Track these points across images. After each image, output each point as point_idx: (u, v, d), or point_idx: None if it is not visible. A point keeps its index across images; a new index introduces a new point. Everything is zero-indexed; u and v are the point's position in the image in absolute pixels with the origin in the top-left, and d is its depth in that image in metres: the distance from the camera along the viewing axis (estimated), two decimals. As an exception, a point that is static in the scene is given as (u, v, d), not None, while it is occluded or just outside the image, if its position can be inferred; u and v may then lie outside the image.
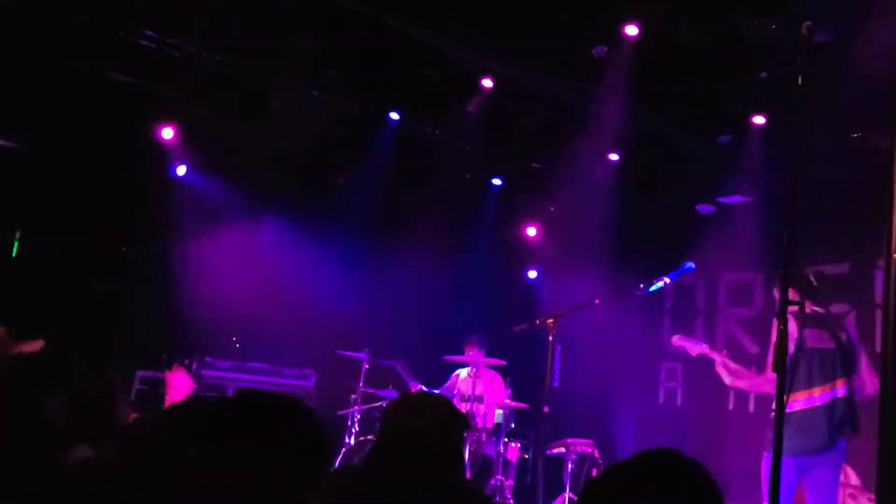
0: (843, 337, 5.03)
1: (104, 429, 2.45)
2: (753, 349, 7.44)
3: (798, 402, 4.78)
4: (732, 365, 5.21)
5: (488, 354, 7.58)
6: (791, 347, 4.65)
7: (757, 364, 5.47)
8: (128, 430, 2.52)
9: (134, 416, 3.87)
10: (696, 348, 5.39)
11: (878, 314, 6.24)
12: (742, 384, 5.34)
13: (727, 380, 5.24)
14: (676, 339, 5.57)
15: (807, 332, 4.84)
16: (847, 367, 4.90)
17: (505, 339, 8.73)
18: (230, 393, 7.72)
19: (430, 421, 2.58)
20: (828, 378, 4.84)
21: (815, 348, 4.87)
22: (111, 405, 2.78)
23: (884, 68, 4.49)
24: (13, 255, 7.47)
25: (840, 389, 4.84)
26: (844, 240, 6.98)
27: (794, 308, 4.69)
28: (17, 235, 7.45)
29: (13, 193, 7.13)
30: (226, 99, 7.15)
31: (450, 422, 2.65)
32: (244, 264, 7.56)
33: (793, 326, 4.73)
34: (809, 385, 4.80)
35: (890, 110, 2.77)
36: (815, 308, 4.97)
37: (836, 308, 6.97)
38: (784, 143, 6.85)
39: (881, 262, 6.52)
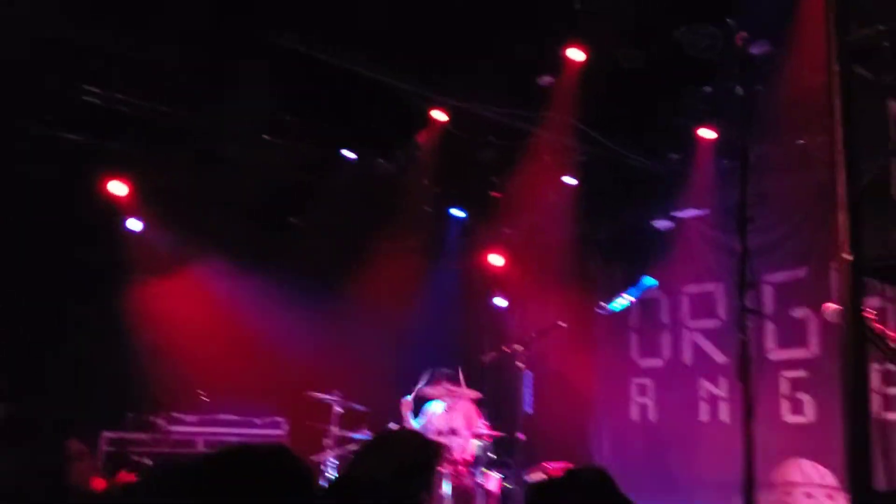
0: None
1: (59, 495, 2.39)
2: (721, 359, 7.51)
3: None
4: None
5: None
6: None
7: None
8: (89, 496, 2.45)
9: (98, 479, 3.79)
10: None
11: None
12: None
13: None
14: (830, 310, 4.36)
15: None
16: None
17: (477, 369, 8.74)
18: (200, 448, 7.56)
19: (399, 455, 2.55)
20: None
21: None
22: (66, 470, 2.71)
23: (821, 73, 4.61)
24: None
25: None
26: (800, 244, 7.10)
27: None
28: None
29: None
30: (178, 150, 7.11)
31: (418, 458, 2.60)
32: (205, 315, 7.45)
33: None
34: None
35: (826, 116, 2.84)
36: None
37: (797, 312, 7.10)
38: (733, 155, 7.01)
39: (836, 264, 6.68)
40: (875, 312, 4.11)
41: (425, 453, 2.59)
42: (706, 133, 6.95)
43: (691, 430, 7.56)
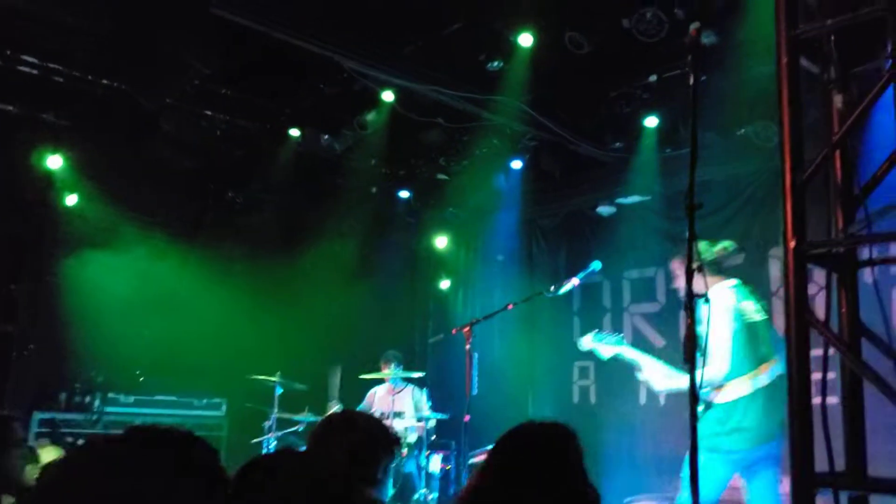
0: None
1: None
2: (659, 343, 7.67)
3: (742, 386, 4.36)
4: (662, 367, 4.82)
5: (405, 369, 7.55)
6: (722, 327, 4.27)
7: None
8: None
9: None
10: (609, 349, 5.05)
11: (775, 302, 6.53)
12: (676, 383, 4.73)
13: (660, 384, 4.85)
14: (587, 341, 5.21)
15: (743, 304, 4.52)
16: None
17: (422, 351, 8.75)
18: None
19: (360, 436, 2.56)
20: (768, 354, 4.46)
21: (751, 322, 4.50)
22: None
23: (764, 64, 4.71)
24: None
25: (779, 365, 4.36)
26: (737, 231, 7.26)
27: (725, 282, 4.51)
28: None
29: None
30: (115, 123, 6.90)
31: (380, 441, 2.63)
32: (142, 293, 7.26)
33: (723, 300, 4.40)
34: (755, 365, 4.40)
35: (772, 106, 2.89)
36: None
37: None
38: (675, 143, 7.14)
39: (773, 251, 6.87)
40: None
41: (387, 437, 2.63)
42: (650, 121, 7.06)
43: (631, 414, 7.70)
